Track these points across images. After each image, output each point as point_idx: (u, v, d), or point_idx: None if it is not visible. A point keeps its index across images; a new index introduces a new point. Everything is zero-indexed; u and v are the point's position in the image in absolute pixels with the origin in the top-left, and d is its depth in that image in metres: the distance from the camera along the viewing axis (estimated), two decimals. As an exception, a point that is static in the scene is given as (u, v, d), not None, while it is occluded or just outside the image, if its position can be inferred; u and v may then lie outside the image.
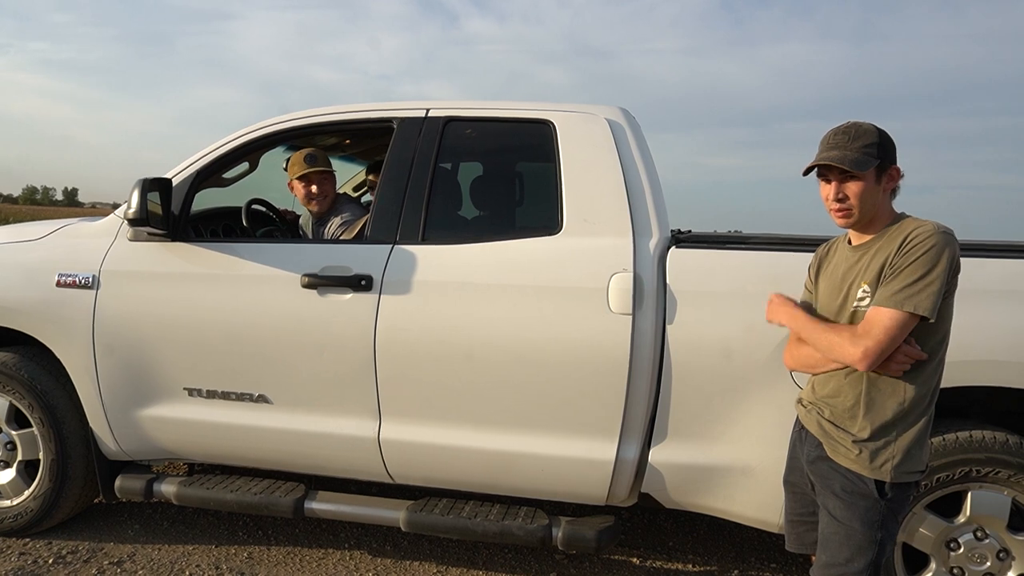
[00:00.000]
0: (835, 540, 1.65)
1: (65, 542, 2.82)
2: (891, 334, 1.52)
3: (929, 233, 1.54)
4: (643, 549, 2.99)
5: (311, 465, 2.63)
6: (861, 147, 1.60)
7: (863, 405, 1.63)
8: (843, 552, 1.63)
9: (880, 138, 1.62)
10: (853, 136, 1.63)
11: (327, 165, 3.04)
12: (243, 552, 2.81)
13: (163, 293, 2.60)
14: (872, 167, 1.59)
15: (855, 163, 1.59)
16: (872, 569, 1.62)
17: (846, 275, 1.70)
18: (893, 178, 1.65)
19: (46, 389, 2.74)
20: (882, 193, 1.64)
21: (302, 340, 2.49)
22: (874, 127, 1.64)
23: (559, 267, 2.35)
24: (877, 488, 1.62)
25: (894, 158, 1.64)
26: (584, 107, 2.56)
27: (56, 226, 2.93)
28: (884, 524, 1.63)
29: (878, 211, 1.65)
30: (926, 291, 1.51)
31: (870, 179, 1.61)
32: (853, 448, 1.64)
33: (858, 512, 1.63)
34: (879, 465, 1.61)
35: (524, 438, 2.39)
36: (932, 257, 1.52)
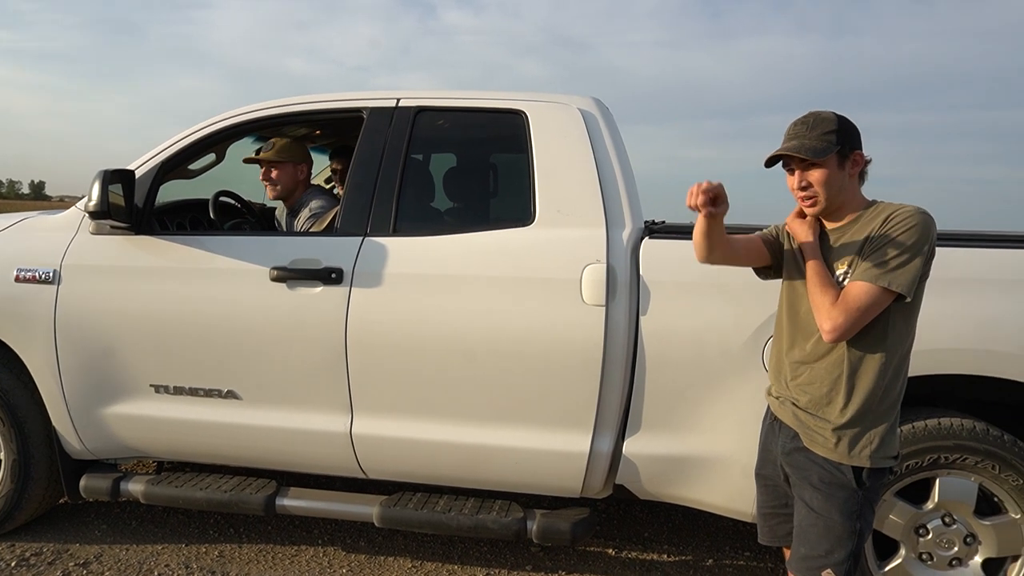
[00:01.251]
0: (813, 532, 1.64)
1: (28, 544, 2.75)
2: (864, 309, 1.52)
3: (911, 212, 1.56)
4: (618, 540, 2.99)
5: (282, 461, 2.59)
6: (819, 135, 1.61)
7: (841, 392, 1.62)
8: (822, 544, 1.63)
9: (839, 125, 1.62)
10: (812, 125, 1.64)
11: (285, 155, 2.99)
12: (214, 550, 2.77)
13: (127, 287, 2.54)
14: (832, 153, 1.60)
15: (812, 151, 1.60)
16: (852, 560, 1.62)
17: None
18: (857, 163, 1.65)
19: (7, 388, 2.66)
20: (847, 179, 1.64)
21: (272, 334, 2.44)
22: (833, 114, 1.64)
23: (532, 258, 2.33)
24: (855, 477, 1.62)
25: (857, 144, 1.65)
26: (557, 97, 2.54)
27: (15, 219, 2.84)
28: (862, 514, 1.63)
29: (845, 197, 1.66)
30: (904, 268, 1.52)
31: (832, 165, 1.62)
32: (832, 437, 1.63)
33: (837, 503, 1.62)
34: (858, 452, 1.61)
35: (498, 431, 2.37)
36: (913, 235, 1.53)
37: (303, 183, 3.05)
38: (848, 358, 1.62)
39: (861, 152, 1.66)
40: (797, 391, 1.72)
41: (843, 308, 1.54)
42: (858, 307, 1.52)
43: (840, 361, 1.63)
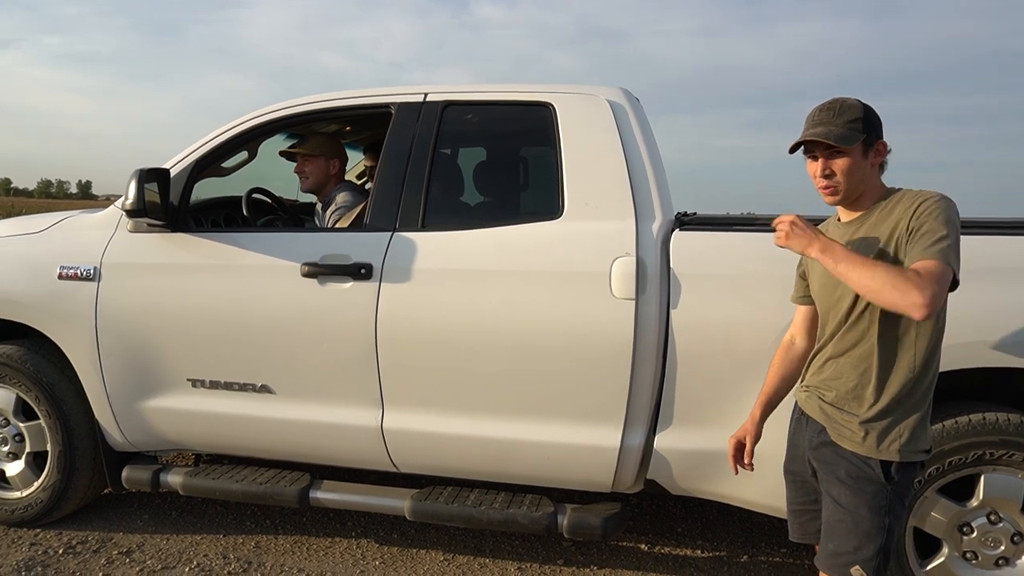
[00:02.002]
0: (841, 528, 1.61)
1: (75, 532, 2.84)
2: (944, 286, 1.42)
3: (940, 197, 1.52)
4: (652, 535, 2.97)
5: (315, 455, 2.62)
6: (846, 122, 1.58)
7: (869, 385, 1.59)
8: (851, 540, 1.59)
9: (865, 113, 1.59)
10: (838, 112, 1.60)
11: (317, 149, 3.03)
12: (250, 541, 2.82)
13: (164, 284, 2.59)
14: (858, 141, 1.57)
15: (840, 138, 1.56)
16: (881, 556, 1.58)
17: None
18: (880, 152, 1.62)
19: (52, 381, 2.75)
20: (870, 168, 1.61)
21: (303, 329, 2.47)
22: (859, 102, 1.61)
23: (560, 252, 2.32)
24: (883, 472, 1.57)
25: (880, 132, 1.62)
26: (585, 88, 2.51)
27: (57, 219, 2.93)
28: (891, 509, 1.58)
29: (867, 186, 1.63)
30: (956, 252, 1.46)
31: (857, 154, 1.58)
32: (859, 430, 1.59)
33: (865, 498, 1.58)
34: (887, 446, 1.57)
35: (528, 425, 2.36)
36: (951, 219, 1.48)
37: (335, 177, 3.08)
38: (876, 351, 1.58)
39: (884, 141, 1.62)
40: (824, 386, 1.69)
41: (931, 281, 1.40)
42: (941, 281, 1.41)
43: (867, 355, 1.60)
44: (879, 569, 1.58)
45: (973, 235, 2.13)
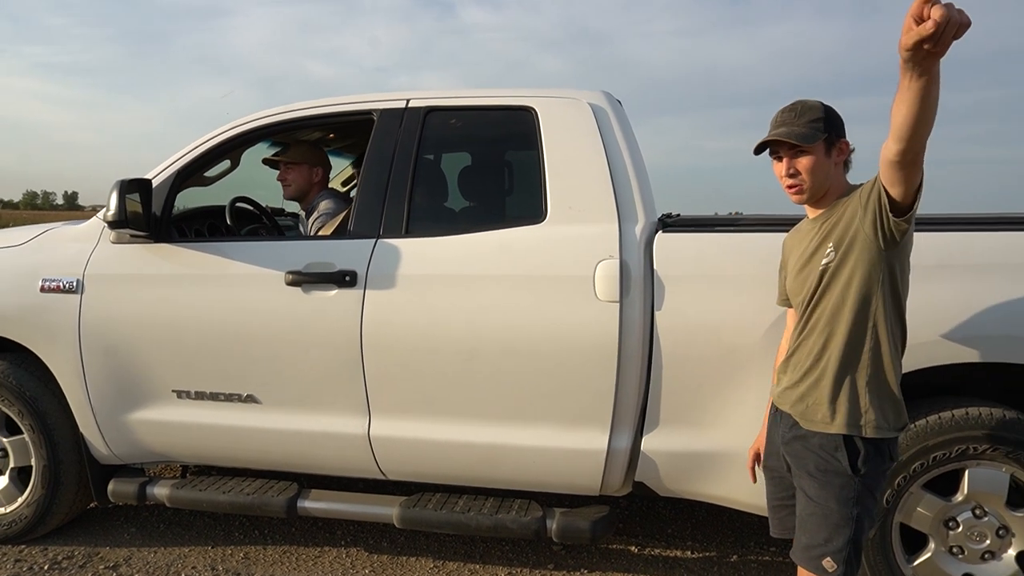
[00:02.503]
0: (812, 521, 1.64)
1: (60, 547, 2.81)
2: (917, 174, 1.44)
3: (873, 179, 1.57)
4: (641, 537, 2.97)
5: (302, 464, 2.61)
6: (807, 122, 1.64)
7: (836, 365, 1.63)
8: (821, 532, 1.62)
9: (826, 113, 1.65)
10: (799, 112, 1.66)
11: (300, 156, 3.03)
12: (239, 552, 2.80)
13: (148, 295, 2.58)
14: (820, 140, 1.63)
15: (802, 137, 1.63)
16: (851, 547, 1.60)
17: (808, 245, 1.71)
18: (843, 151, 1.68)
19: (35, 395, 2.72)
20: (833, 166, 1.67)
21: (288, 338, 2.46)
22: (819, 103, 1.67)
23: (544, 256, 2.32)
24: (850, 464, 1.60)
25: (842, 132, 1.67)
26: (566, 92, 2.51)
27: (39, 231, 2.90)
28: (860, 500, 1.60)
29: (831, 184, 1.68)
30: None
31: (819, 152, 1.64)
32: (828, 411, 1.63)
33: (833, 491, 1.61)
34: (855, 422, 1.60)
35: (515, 430, 2.36)
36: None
37: (318, 185, 3.08)
38: (839, 332, 1.63)
39: (846, 140, 1.68)
40: (793, 370, 1.73)
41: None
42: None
43: (831, 337, 1.64)
44: (850, 559, 1.60)
45: (946, 231, 2.17)
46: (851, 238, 1.59)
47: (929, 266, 2.09)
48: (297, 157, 3.02)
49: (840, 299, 1.62)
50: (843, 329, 1.62)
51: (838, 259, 1.61)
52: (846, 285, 1.61)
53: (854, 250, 1.59)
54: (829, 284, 1.64)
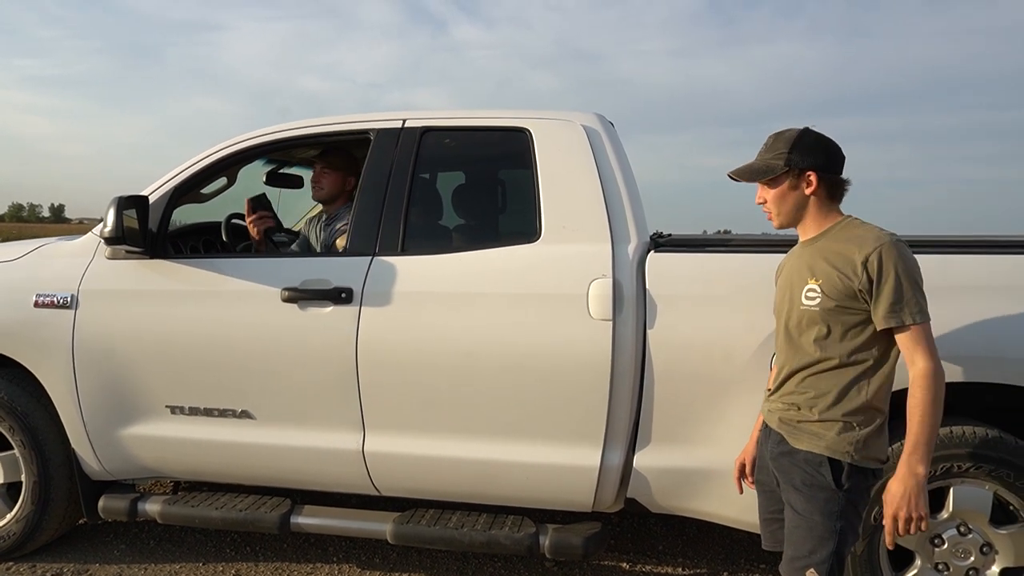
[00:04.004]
0: (797, 533, 1.68)
1: (50, 564, 2.80)
2: (928, 338, 1.59)
3: (886, 247, 1.59)
4: (633, 554, 2.99)
5: (296, 480, 2.62)
6: (773, 155, 1.72)
7: (830, 395, 1.67)
8: (806, 545, 1.66)
9: (794, 145, 1.69)
10: (770, 145, 1.74)
11: (337, 164, 3.02)
12: (230, 569, 2.79)
13: (143, 311, 2.59)
14: (772, 175, 1.70)
15: (751, 172, 1.74)
16: (834, 559, 1.64)
17: (795, 272, 1.76)
18: (811, 183, 1.70)
19: (27, 411, 2.71)
20: (803, 197, 1.71)
21: (284, 354, 2.47)
22: (796, 134, 1.71)
23: (539, 274, 2.36)
24: (834, 478, 1.64)
25: (818, 164, 1.69)
26: (560, 114, 2.57)
27: (34, 246, 2.91)
28: (843, 514, 1.65)
29: (805, 214, 1.73)
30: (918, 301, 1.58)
31: (782, 185, 1.71)
32: (818, 431, 1.67)
33: (818, 504, 1.65)
34: (842, 447, 1.64)
35: (509, 446, 2.38)
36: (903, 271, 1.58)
37: (346, 194, 3.09)
38: (837, 366, 1.66)
39: (814, 172, 1.69)
40: (786, 397, 1.77)
41: (922, 351, 1.58)
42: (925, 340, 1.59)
43: (827, 367, 1.67)
44: (832, 571, 1.64)
45: (937, 254, 2.22)
46: (844, 294, 1.63)
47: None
48: (336, 164, 3.03)
49: (826, 332, 1.67)
50: (830, 362, 1.67)
51: (824, 301, 1.66)
52: (832, 321, 1.66)
53: (844, 300, 1.63)
54: (815, 319, 1.68)
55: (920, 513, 1.56)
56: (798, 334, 1.73)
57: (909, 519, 1.56)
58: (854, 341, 1.65)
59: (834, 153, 1.72)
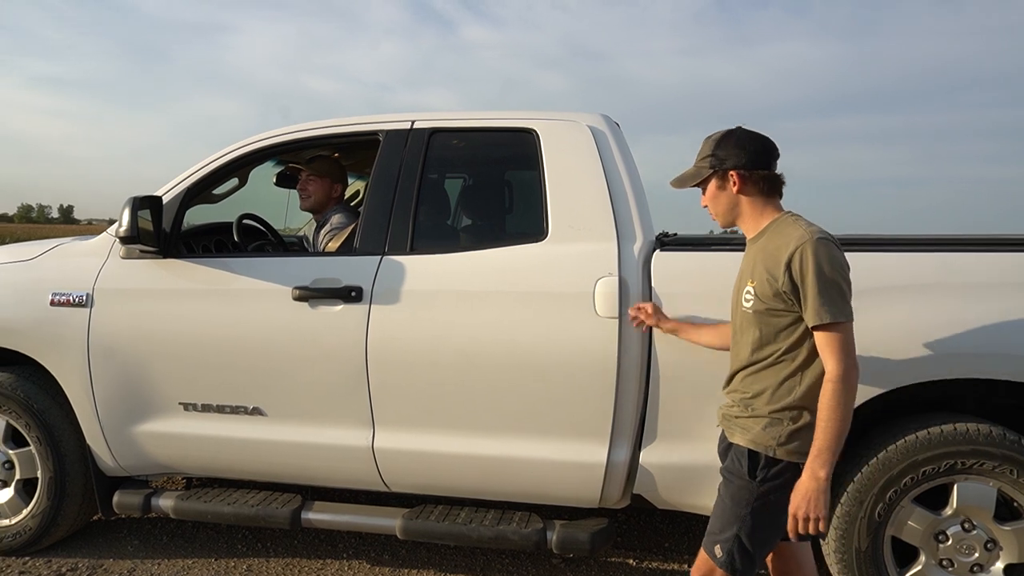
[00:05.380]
0: (715, 512, 1.82)
1: (65, 559, 2.84)
2: (844, 342, 1.61)
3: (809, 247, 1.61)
4: (639, 551, 3.01)
5: (307, 476, 2.65)
6: (699, 160, 1.81)
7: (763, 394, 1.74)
8: (717, 523, 1.79)
9: (716, 146, 1.77)
10: (700, 151, 1.82)
11: (322, 171, 3.08)
12: (242, 564, 2.83)
13: (156, 309, 2.63)
14: (699, 180, 1.80)
15: (680, 179, 1.86)
16: (736, 542, 1.73)
17: (741, 274, 1.85)
18: (736, 182, 1.75)
19: (43, 408, 2.76)
20: (734, 196, 1.77)
21: (294, 352, 2.51)
22: (720, 135, 1.78)
23: (546, 273, 2.39)
24: (749, 469, 1.73)
25: (737, 163, 1.74)
26: (567, 115, 2.60)
27: (49, 246, 2.96)
28: (752, 504, 1.72)
29: (739, 212, 1.79)
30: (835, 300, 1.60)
31: (711, 186, 1.80)
32: (749, 426, 1.75)
33: (732, 490, 1.77)
34: (763, 441, 1.71)
35: (516, 443, 2.41)
36: (820, 272, 1.60)
37: (335, 200, 3.14)
38: (768, 363, 1.73)
39: (743, 171, 1.74)
40: (730, 395, 1.86)
41: (834, 353, 1.61)
42: (840, 342, 1.61)
43: (762, 367, 1.75)
44: (734, 552, 1.73)
45: (937, 252, 2.24)
46: (771, 296, 1.69)
47: (919, 285, 2.18)
48: (322, 171, 3.08)
49: (759, 334, 1.74)
50: (764, 362, 1.74)
51: (756, 303, 1.73)
52: (763, 323, 1.72)
53: (771, 302, 1.69)
54: (750, 321, 1.75)
55: (818, 515, 1.60)
56: (740, 335, 1.81)
57: (807, 519, 1.62)
58: (786, 342, 1.70)
59: (758, 150, 1.75)
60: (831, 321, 1.59)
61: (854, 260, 2.23)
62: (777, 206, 1.78)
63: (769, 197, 1.77)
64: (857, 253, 2.21)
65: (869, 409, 2.22)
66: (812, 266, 1.60)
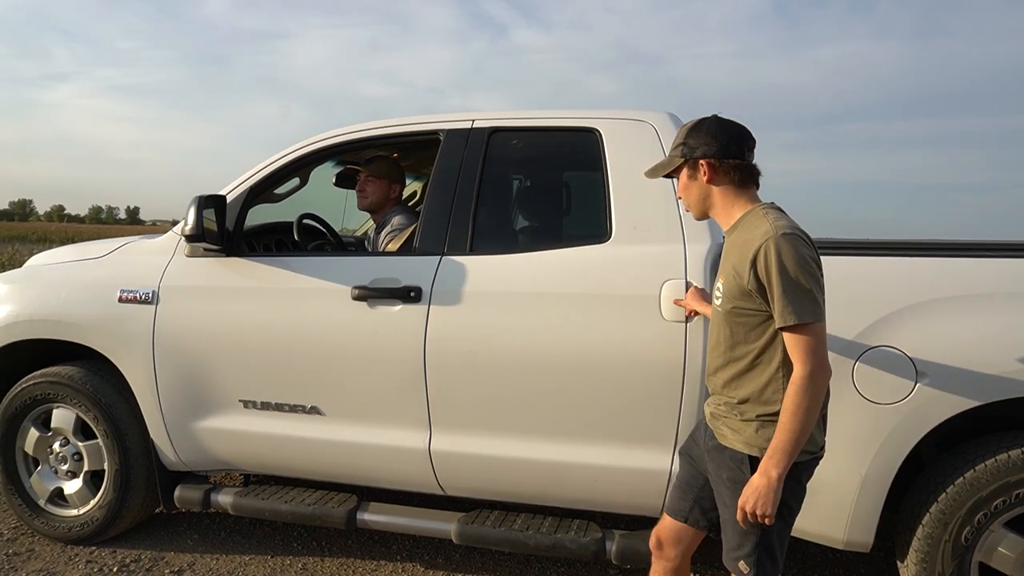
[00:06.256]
0: (728, 527, 1.72)
1: (128, 551, 2.90)
2: (811, 344, 1.54)
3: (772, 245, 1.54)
4: (700, 564, 2.90)
5: (362, 477, 2.64)
6: (672, 149, 1.77)
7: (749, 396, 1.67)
8: (734, 538, 1.70)
9: (688, 135, 1.72)
10: (673, 141, 1.78)
11: (380, 171, 3.08)
12: (297, 563, 2.84)
13: (219, 307, 2.66)
14: (674, 167, 1.76)
15: (656, 168, 1.83)
16: (761, 550, 1.67)
17: (720, 269, 1.76)
18: (706, 171, 1.69)
19: (110, 402, 2.83)
20: (705, 186, 1.72)
21: (353, 352, 2.51)
22: (693, 124, 1.73)
23: (610, 275, 2.32)
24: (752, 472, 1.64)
25: (707, 151, 1.68)
26: (630, 113, 2.52)
27: (118, 244, 3.04)
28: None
29: (711, 203, 1.74)
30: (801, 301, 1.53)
31: (683, 177, 1.76)
32: (739, 428, 1.68)
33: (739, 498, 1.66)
34: (758, 444, 1.64)
35: (577, 448, 2.35)
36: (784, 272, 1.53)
37: (392, 200, 3.14)
38: (746, 365, 1.67)
39: (714, 160, 1.67)
40: (715, 395, 1.79)
41: (802, 356, 1.54)
42: (807, 345, 1.53)
43: (740, 368, 1.68)
44: (762, 562, 1.67)
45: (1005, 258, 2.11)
46: (737, 293, 1.63)
47: (1010, 294, 2.03)
48: (380, 171, 3.08)
49: (730, 332, 1.68)
50: (740, 364, 1.68)
51: (723, 302, 1.67)
52: (733, 322, 1.66)
53: (738, 300, 1.63)
54: (721, 319, 1.70)
55: (764, 512, 1.57)
56: (714, 331, 1.75)
57: (754, 514, 1.59)
58: (759, 342, 1.64)
59: (730, 139, 1.68)
60: (796, 322, 1.52)
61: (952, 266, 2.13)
62: (751, 197, 1.71)
63: (742, 188, 1.70)
64: (954, 259, 2.09)
65: (958, 424, 2.08)
66: (776, 264, 1.53)
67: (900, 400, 2.06)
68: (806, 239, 1.58)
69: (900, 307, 2.09)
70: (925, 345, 2.05)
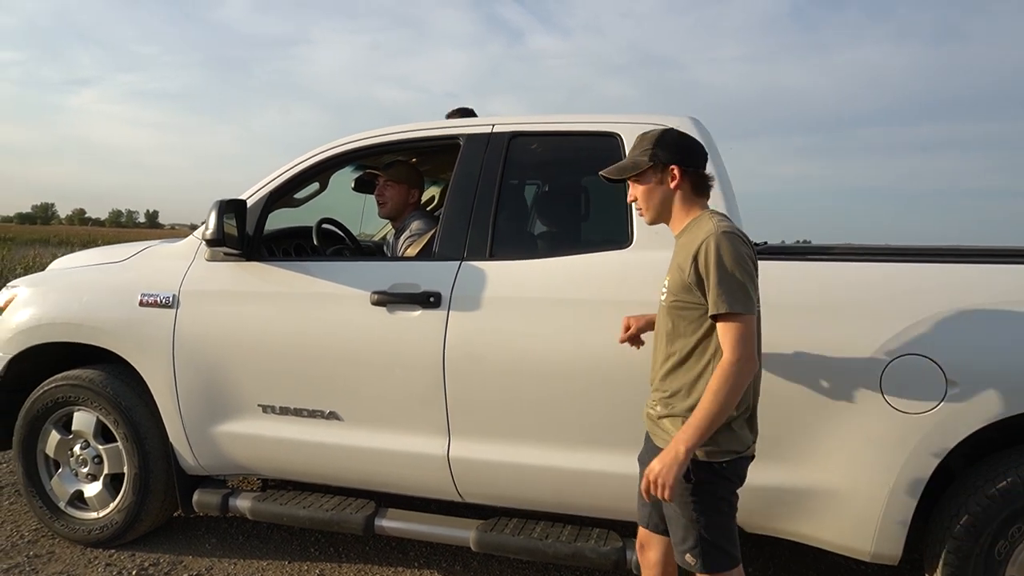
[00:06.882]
0: (672, 524, 1.79)
1: (147, 554, 2.91)
2: (740, 332, 1.61)
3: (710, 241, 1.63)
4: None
5: (380, 483, 2.63)
6: (638, 152, 1.79)
7: (679, 393, 1.73)
8: (677, 533, 1.77)
9: (657, 142, 1.76)
10: (637, 143, 1.81)
11: (399, 177, 3.08)
12: (315, 569, 2.83)
13: (238, 311, 2.67)
14: (637, 172, 1.78)
15: (619, 170, 1.83)
16: (703, 543, 1.72)
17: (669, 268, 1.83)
18: (676, 177, 1.75)
19: (130, 405, 2.84)
20: (669, 192, 1.78)
21: (372, 357, 2.50)
22: (658, 131, 1.79)
23: (631, 281, 2.30)
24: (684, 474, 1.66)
25: (680, 159, 1.75)
26: (652, 118, 2.50)
27: (139, 248, 3.05)
28: (699, 505, 1.71)
29: (670, 209, 1.79)
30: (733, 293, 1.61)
31: (649, 181, 1.79)
32: (667, 424, 1.75)
33: (677, 497, 1.70)
34: None
35: (597, 456, 2.32)
36: (720, 265, 1.62)
37: (412, 205, 3.13)
38: (680, 359, 1.74)
39: (682, 167, 1.75)
40: (652, 394, 1.84)
41: (729, 344, 1.61)
42: (735, 333, 1.61)
43: (675, 363, 1.75)
44: (707, 553, 1.72)
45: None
46: (679, 288, 1.71)
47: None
48: (399, 176, 3.08)
49: (671, 327, 1.75)
50: (676, 357, 1.75)
51: (667, 296, 1.75)
52: (675, 317, 1.73)
53: (680, 294, 1.71)
54: (664, 314, 1.78)
55: (665, 483, 1.60)
56: (658, 327, 1.82)
57: (656, 484, 1.62)
58: (695, 336, 1.71)
59: (695, 149, 1.80)
60: (728, 311, 1.61)
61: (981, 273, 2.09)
62: (703, 205, 1.81)
63: (698, 196, 1.80)
64: (984, 265, 2.05)
65: (987, 435, 2.03)
66: (714, 258, 1.62)
67: (930, 410, 2.01)
68: (745, 239, 1.69)
69: (928, 315, 2.05)
70: (955, 354, 2.01)
